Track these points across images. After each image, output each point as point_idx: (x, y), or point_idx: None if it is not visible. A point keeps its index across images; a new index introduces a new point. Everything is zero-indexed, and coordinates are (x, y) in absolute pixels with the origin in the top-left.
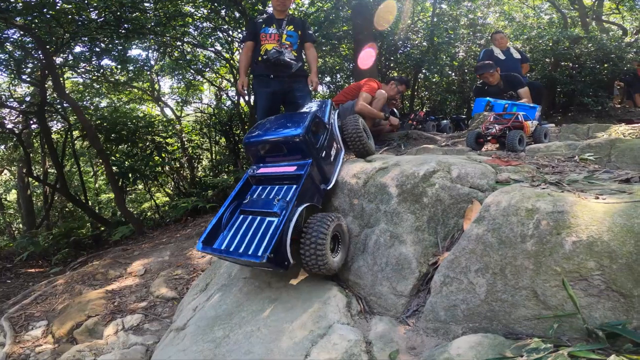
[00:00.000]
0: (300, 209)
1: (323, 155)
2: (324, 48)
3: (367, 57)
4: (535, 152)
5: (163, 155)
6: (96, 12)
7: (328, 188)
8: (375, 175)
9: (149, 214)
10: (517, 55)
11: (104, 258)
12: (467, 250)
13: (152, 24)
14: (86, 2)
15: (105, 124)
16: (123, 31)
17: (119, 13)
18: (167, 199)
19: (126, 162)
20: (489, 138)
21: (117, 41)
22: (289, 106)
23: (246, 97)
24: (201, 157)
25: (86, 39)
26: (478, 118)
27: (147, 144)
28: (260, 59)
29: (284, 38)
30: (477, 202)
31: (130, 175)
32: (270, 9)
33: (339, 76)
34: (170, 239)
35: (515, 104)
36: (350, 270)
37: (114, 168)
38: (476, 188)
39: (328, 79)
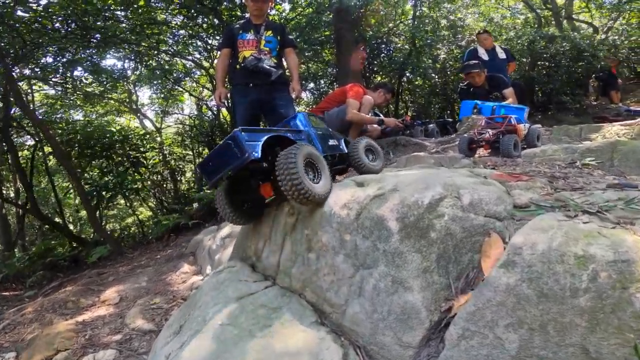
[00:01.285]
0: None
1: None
2: (306, 54)
3: (357, 58)
4: (532, 157)
5: (142, 170)
6: (60, 21)
7: None
8: (369, 205)
9: (132, 229)
10: (502, 55)
11: (78, 283)
12: (493, 302)
13: (127, 32)
14: (49, 10)
15: (77, 139)
16: (94, 41)
17: (84, 21)
18: (151, 213)
19: (101, 179)
20: (482, 143)
21: (87, 51)
22: (269, 116)
23: (223, 108)
24: (184, 169)
25: (53, 48)
26: (466, 122)
27: (124, 159)
28: (238, 66)
29: (263, 44)
30: (496, 235)
31: (104, 193)
32: (248, 15)
33: (322, 82)
34: (149, 260)
35: (503, 105)
36: (345, 315)
37: (86, 186)
38: (493, 217)
39: (312, 85)
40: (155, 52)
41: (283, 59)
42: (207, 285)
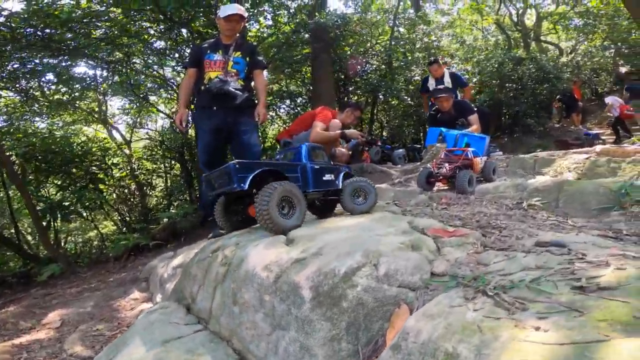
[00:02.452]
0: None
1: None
2: (286, 70)
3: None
4: (485, 194)
5: (103, 187)
6: (21, 32)
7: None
8: (289, 269)
9: (95, 242)
10: (449, 84)
11: (22, 304)
12: None
13: (100, 42)
14: (9, 21)
15: (35, 152)
16: (63, 50)
17: (49, 34)
18: (115, 227)
19: (56, 197)
20: (439, 178)
21: (53, 60)
22: (232, 142)
23: (184, 131)
24: (153, 184)
25: (17, 56)
26: (431, 150)
27: (83, 175)
28: (202, 88)
29: (230, 65)
30: (405, 307)
31: (58, 212)
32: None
33: (298, 100)
34: (100, 283)
35: (466, 134)
36: None
37: (40, 204)
38: (406, 287)
39: (288, 102)
40: (126, 63)
41: (252, 81)
42: (139, 324)
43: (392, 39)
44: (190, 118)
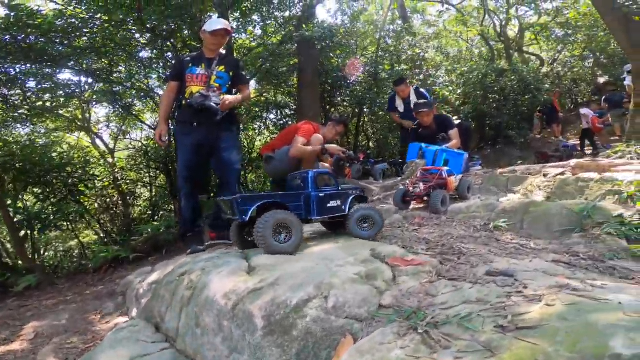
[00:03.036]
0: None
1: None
2: (274, 81)
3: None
4: (457, 213)
5: (84, 197)
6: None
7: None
8: (245, 299)
9: (76, 251)
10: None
11: None
12: None
13: (86, 50)
14: None
15: (14, 161)
16: (41, 61)
17: (28, 44)
18: (97, 237)
19: (34, 208)
20: (414, 197)
21: (35, 66)
22: (213, 159)
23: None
24: (138, 194)
25: None
26: (410, 166)
27: (62, 186)
28: (184, 102)
29: (213, 79)
30: (350, 338)
31: (36, 224)
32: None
33: (286, 111)
34: (77, 296)
35: (445, 150)
36: None
37: (18, 215)
38: (353, 319)
39: (275, 114)
40: (110, 72)
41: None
42: (107, 341)
43: (379, 50)
44: (173, 132)
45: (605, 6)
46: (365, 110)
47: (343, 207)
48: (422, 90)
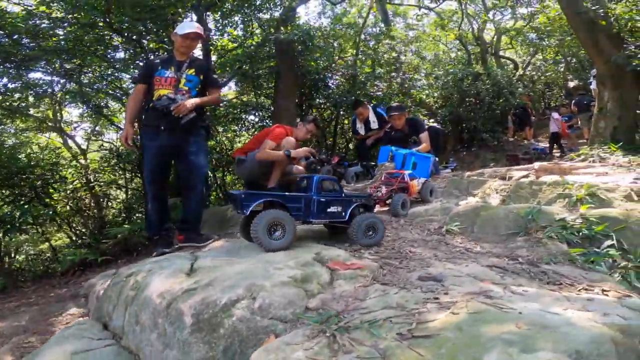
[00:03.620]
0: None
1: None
2: (253, 83)
3: None
4: (416, 216)
5: (54, 200)
6: None
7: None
8: (178, 299)
9: (48, 254)
10: (374, 125)
11: None
12: None
13: (57, 51)
14: None
15: None
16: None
17: None
18: (69, 240)
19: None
20: (377, 200)
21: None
22: (179, 162)
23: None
24: (112, 196)
25: None
26: (380, 169)
27: (28, 188)
28: (150, 105)
29: (183, 83)
30: (273, 337)
31: (1, 227)
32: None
33: (263, 113)
34: (40, 298)
35: (414, 154)
36: None
37: None
38: (278, 319)
39: (253, 116)
40: (81, 72)
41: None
42: (54, 338)
43: (358, 53)
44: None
45: (572, 10)
46: (342, 112)
47: (343, 213)
48: (378, 109)
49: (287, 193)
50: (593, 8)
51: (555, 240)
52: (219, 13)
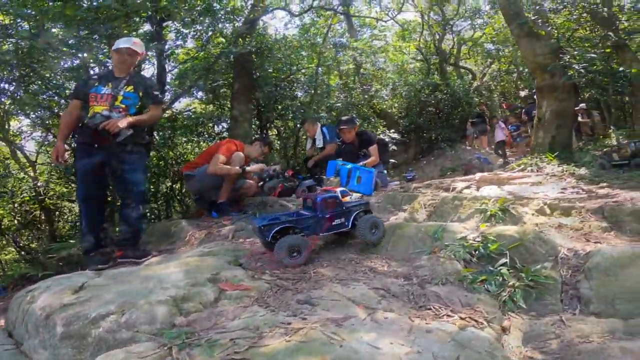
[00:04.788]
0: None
1: None
2: (209, 95)
3: None
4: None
5: None
6: None
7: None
8: (55, 312)
9: None
10: (319, 143)
11: None
12: None
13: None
14: None
15: None
16: None
17: None
18: (18, 255)
19: None
20: None
21: None
22: (115, 181)
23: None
24: (64, 209)
25: None
26: (327, 183)
27: None
28: (85, 122)
29: (120, 100)
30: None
31: None
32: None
33: (222, 126)
34: None
35: (358, 167)
36: None
37: None
38: (142, 332)
39: (210, 127)
40: (32, 79)
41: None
42: None
43: (320, 64)
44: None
45: (514, 20)
46: (298, 126)
47: (346, 223)
48: (324, 128)
49: (296, 217)
50: (533, 18)
51: (453, 260)
52: (181, 23)
